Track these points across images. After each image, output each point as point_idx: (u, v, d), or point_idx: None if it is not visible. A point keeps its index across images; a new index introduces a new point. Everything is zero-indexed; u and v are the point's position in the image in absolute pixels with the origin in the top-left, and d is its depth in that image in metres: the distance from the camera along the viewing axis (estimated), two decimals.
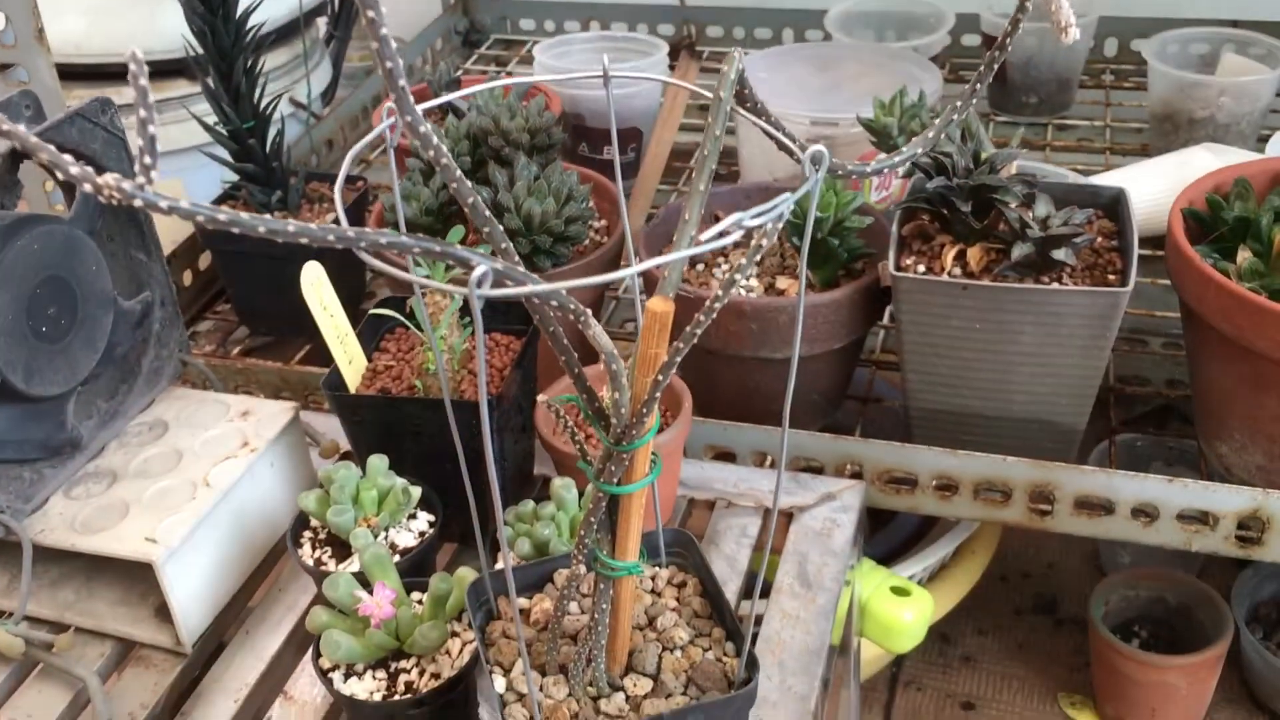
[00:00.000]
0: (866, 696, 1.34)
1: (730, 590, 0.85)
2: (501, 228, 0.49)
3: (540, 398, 0.56)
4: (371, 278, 1.29)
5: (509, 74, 1.76)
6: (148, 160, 0.38)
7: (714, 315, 0.49)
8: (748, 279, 0.50)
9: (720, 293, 0.48)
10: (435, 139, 0.44)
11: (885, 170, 0.54)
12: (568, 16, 1.88)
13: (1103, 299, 0.87)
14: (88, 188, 0.38)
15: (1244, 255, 0.89)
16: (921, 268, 0.94)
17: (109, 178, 0.38)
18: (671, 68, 1.59)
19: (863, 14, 1.56)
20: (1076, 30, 0.49)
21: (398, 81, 0.41)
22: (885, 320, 1.21)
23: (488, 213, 0.48)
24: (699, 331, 0.50)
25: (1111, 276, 0.92)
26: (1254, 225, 0.89)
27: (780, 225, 0.45)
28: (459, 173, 0.46)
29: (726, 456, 1.00)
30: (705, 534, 0.91)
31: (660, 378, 0.51)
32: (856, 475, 0.97)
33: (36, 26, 0.95)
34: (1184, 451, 1.31)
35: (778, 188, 1.09)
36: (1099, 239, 0.96)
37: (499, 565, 0.77)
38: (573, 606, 0.66)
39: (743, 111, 0.55)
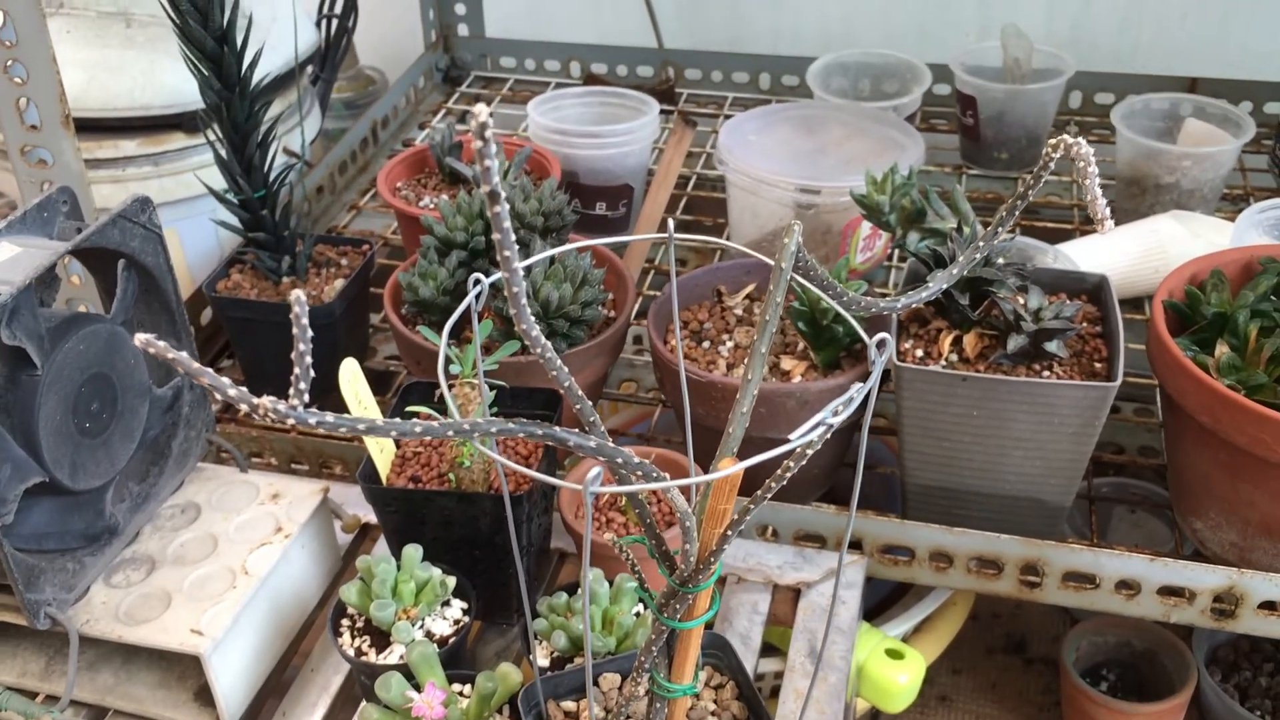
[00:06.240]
0: None
1: (747, 667, 0.89)
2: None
3: (608, 537, 0.61)
4: (373, 333, 1.32)
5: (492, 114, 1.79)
6: (303, 386, 0.42)
7: (785, 480, 0.53)
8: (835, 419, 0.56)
9: (791, 464, 0.53)
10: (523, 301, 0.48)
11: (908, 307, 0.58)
12: (547, 55, 1.92)
13: (1094, 392, 0.92)
14: (244, 408, 0.42)
15: (1221, 350, 0.95)
16: (920, 352, 1.00)
17: (266, 402, 0.42)
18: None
19: (840, 65, 1.62)
20: (1111, 223, 0.54)
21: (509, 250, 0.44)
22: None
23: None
24: (768, 496, 0.54)
25: (1098, 364, 0.98)
26: (1230, 321, 0.96)
27: (850, 411, 0.50)
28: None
29: None
30: (719, 611, 0.95)
31: (730, 533, 0.55)
32: (854, 546, 1.02)
33: (64, 113, 0.97)
34: (1146, 494, 1.38)
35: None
36: (1084, 325, 1.02)
37: (535, 656, 0.81)
38: None
39: (802, 280, 0.59)
